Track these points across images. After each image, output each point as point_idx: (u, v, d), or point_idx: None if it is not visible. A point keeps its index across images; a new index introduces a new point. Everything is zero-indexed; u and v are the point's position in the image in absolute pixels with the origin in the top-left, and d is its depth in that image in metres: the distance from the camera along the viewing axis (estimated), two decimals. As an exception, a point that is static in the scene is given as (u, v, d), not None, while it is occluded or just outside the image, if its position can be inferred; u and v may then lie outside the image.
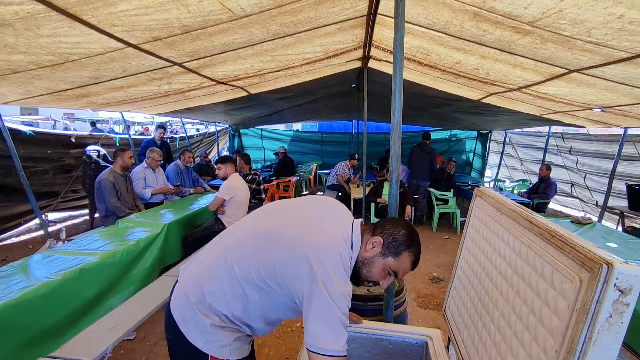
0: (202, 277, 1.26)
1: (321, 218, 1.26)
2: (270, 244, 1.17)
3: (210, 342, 1.23)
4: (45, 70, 2.93)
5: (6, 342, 1.97)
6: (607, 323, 0.65)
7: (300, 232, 1.17)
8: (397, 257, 1.21)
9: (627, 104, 3.77)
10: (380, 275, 1.24)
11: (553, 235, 0.83)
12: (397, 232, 1.23)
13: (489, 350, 1.07)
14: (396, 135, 1.68)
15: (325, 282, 1.06)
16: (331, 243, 1.13)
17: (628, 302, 0.64)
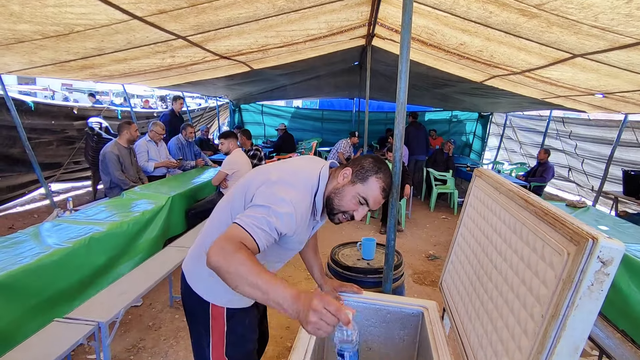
0: (203, 234, 1.38)
1: (296, 160, 1.38)
2: (246, 181, 1.28)
3: (210, 291, 1.33)
4: (50, 40, 2.92)
5: (23, 303, 2.07)
6: (589, 290, 0.72)
7: (273, 166, 1.29)
8: (365, 183, 1.24)
9: (628, 91, 3.79)
10: (352, 204, 1.25)
11: (546, 213, 0.90)
12: (364, 161, 1.28)
13: (481, 317, 1.16)
14: (401, 115, 1.73)
15: (273, 184, 1.15)
16: (296, 170, 1.25)
17: (608, 272, 0.71)
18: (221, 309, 1.35)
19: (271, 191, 1.12)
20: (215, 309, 1.34)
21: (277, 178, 1.17)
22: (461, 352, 1.25)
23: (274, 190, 1.13)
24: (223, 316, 1.35)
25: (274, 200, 1.09)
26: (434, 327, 1.52)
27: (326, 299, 0.85)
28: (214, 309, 1.34)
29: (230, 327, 1.37)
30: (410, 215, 6.11)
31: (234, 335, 1.38)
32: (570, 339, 0.75)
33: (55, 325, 1.88)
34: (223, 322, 1.36)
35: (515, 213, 1.05)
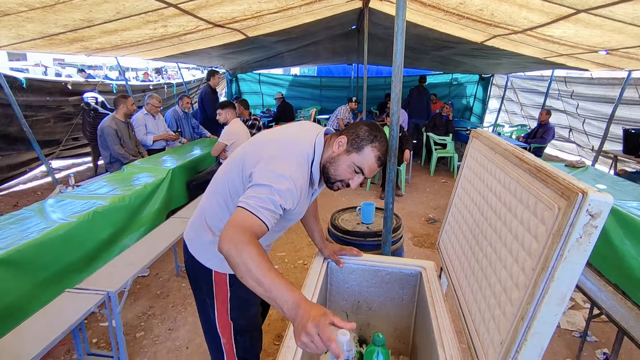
0: (203, 205, 1.40)
1: (291, 129, 1.35)
2: (241, 154, 1.28)
3: (211, 258, 1.36)
4: (36, 12, 2.84)
5: (32, 277, 2.14)
6: (577, 243, 0.74)
7: (267, 138, 1.28)
8: (360, 152, 1.24)
9: (633, 46, 3.70)
10: (347, 173, 1.26)
11: (539, 170, 0.91)
12: (359, 129, 1.27)
13: (476, 274, 1.20)
14: (397, 78, 1.70)
15: (270, 161, 1.14)
16: (290, 141, 1.23)
17: (597, 224, 0.73)
18: (223, 275, 1.39)
19: (269, 168, 1.12)
20: (218, 276, 1.38)
21: (273, 153, 1.17)
22: (457, 308, 1.30)
23: (271, 167, 1.13)
24: (226, 282, 1.39)
25: (274, 178, 1.10)
26: (432, 285, 1.57)
27: (322, 324, 0.84)
28: (216, 276, 1.38)
29: (233, 292, 1.41)
30: (410, 180, 6.14)
31: (237, 300, 1.42)
32: (557, 290, 0.78)
33: (66, 296, 1.94)
34: (226, 287, 1.40)
35: (510, 172, 1.06)
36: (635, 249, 2.59)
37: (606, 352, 2.34)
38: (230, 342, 1.46)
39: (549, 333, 0.82)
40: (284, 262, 3.41)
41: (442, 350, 1.20)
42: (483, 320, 1.06)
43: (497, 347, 0.93)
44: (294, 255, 3.51)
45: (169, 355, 2.26)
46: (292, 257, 3.48)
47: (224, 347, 1.47)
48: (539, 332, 0.82)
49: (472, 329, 1.13)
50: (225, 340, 1.46)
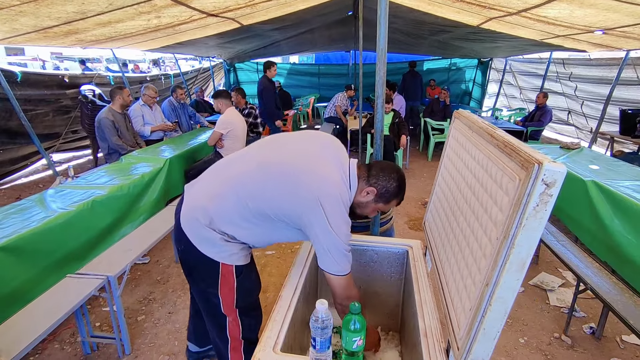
0: (210, 204, 1.38)
1: (323, 158, 1.38)
2: (283, 184, 1.31)
3: (220, 252, 1.41)
4: (29, 6, 2.86)
5: (34, 264, 2.21)
6: (534, 211, 0.79)
7: (308, 175, 1.31)
8: (387, 203, 1.48)
9: (629, 25, 3.67)
10: (372, 213, 1.54)
11: (506, 145, 0.95)
12: (389, 184, 1.43)
13: (453, 248, 1.25)
14: (381, 62, 1.73)
15: (330, 219, 1.27)
16: (335, 188, 1.30)
17: (552, 193, 0.77)
18: (230, 267, 1.44)
19: (331, 230, 1.28)
20: (225, 267, 1.43)
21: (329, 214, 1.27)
22: (438, 283, 1.35)
23: (334, 228, 1.28)
24: (232, 273, 1.45)
25: (339, 236, 1.29)
26: (417, 263, 1.63)
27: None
28: (224, 267, 1.43)
29: (240, 282, 1.47)
30: (408, 166, 6.17)
31: (243, 289, 1.49)
32: (518, 256, 0.82)
33: (68, 281, 2.01)
34: (233, 278, 1.45)
35: (483, 148, 1.10)
36: (624, 227, 2.63)
37: (593, 326, 2.40)
38: (236, 322, 1.52)
39: (511, 298, 0.87)
40: (280, 247, 3.48)
41: (422, 321, 1.26)
42: (457, 291, 1.11)
43: (467, 313, 0.98)
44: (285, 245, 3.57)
45: (169, 336, 2.33)
46: (288, 242, 3.55)
47: (228, 327, 1.53)
48: (502, 297, 0.87)
49: (448, 300, 1.18)
50: (231, 320, 1.52)
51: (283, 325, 1.23)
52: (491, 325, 0.89)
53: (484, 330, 0.90)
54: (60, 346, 2.26)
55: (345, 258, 1.34)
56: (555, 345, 2.28)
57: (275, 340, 1.15)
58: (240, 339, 1.55)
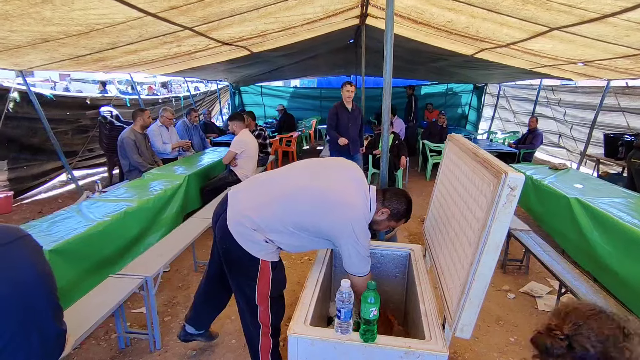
0: (257, 213, 1.71)
1: (352, 187, 1.74)
2: (323, 208, 1.66)
3: (261, 250, 1.71)
4: (72, 38, 3.22)
5: (78, 266, 2.48)
6: (504, 207, 1.09)
7: (342, 202, 1.66)
8: (398, 222, 1.83)
9: (605, 59, 4.08)
10: (384, 229, 1.91)
11: (485, 160, 1.26)
12: (400, 207, 1.78)
13: (447, 243, 1.54)
14: (387, 92, 2.07)
15: (359, 236, 1.63)
16: (362, 214, 1.68)
17: (515, 194, 1.08)
18: (267, 263, 1.74)
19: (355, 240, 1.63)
20: (264, 263, 1.74)
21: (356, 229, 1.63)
22: (436, 277, 1.64)
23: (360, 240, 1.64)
24: (269, 267, 1.75)
25: (361, 243, 1.64)
26: (417, 263, 1.92)
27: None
28: (262, 263, 1.73)
29: (275, 275, 1.78)
30: (407, 185, 6.48)
31: (277, 281, 1.80)
32: (493, 241, 1.12)
33: (111, 280, 2.28)
34: (269, 271, 1.76)
35: (469, 163, 1.42)
36: (602, 238, 2.93)
37: (576, 327, 2.65)
38: (266, 311, 1.81)
39: (489, 274, 1.16)
40: (290, 258, 3.74)
41: (423, 305, 1.54)
42: (450, 275, 1.40)
43: (457, 289, 1.27)
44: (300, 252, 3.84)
45: (195, 334, 2.58)
46: (298, 255, 3.82)
47: (259, 314, 1.81)
48: (483, 273, 1.16)
49: (444, 285, 1.47)
50: (262, 309, 1.81)
51: (310, 306, 1.51)
52: (475, 295, 1.18)
53: (470, 300, 1.19)
54: (96, 342, 2.50)
55: (367, 262, 1.70)
56: (542, 343, 2.53)
57: (305, 317, 1.43)
58: (269, 326, 1.84)
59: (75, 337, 1.79)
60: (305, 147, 10.03)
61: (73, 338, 1.76)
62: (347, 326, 1.32)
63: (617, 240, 2.77)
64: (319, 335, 1.33)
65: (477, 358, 2.40)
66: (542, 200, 3.96)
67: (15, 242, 1.27)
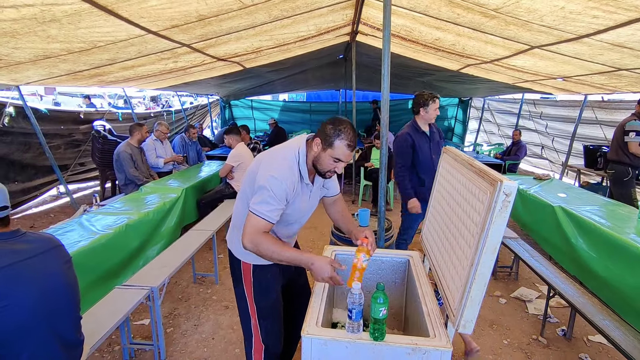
0: (233, 214, 1.83)
1: (284, 143, 1.75)
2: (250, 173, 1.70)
3: (240, 250, 1.73)
4: (74, 55, 3.28)
5: (83, 278, 2.50)
6: (499, 212, 1.21)
7: (268, 151, 1.72)
8: (333, 147, 1.57)
9: (582, 75, 4.33)
10: (330, 164, 1.62)
11: (480, 170, 1.39)
12: (325, 128, 1.59)
13: (446, 247, 1.65)
14: (385, 109, 2.20)
15: (267, 168, 1.58)
16: (280, 151, 1.66)
17: (509, 200, 1.20)
18: (248, 265, 1.78)
19: (263, 174, 1.56)
20: (245, 265, 1.79)
21: (266, 164, 1.61)
22: (436, 280, 1.74)
23: (265, 173, 1.56)
24: (250, 271, 1.79)
25: (268, 180, 1.54)
26: (417, 268, 2.02)
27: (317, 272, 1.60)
28: (244, 265, 1.79)
29: (255, 278, 1.79)
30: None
31: (258, 286, 1.79)
32: (491, 243, 1.24)
33: (116, 292, 2.32)
34: (250, 275, 1.79)
35: (465, 173, 1.54)
36: (586, 244, 3.09)
37: (564, 329, 2.79)
38: (256, 324, 1.82)
39: (488, 274, 1.27)
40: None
41: (425, 306, 1.64)
42: (452, 278, 1.51)
43: (459, 289, 1.38)
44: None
45: (198, 344, 2.62)
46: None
47: (252, 326, 1.83)
48: (483, 273, 1.27)
49: (444, 285, 1.58)
50: (253, 321, 1.83)
51: (320, 310, 1.59)
52: (476, 294, 1.29)
53: (471, 298, 1.30)
54: (100, 354, 2.52)
55: (270, 204, 1.53)
56: (533, 345, 2.66)
57: (317, 319, 1.52)
58: (261, 343, 1.80)
59: (87, 347, 1.82)
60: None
61: (87, 347, 1.80)
62: (357, 326, 1.41)
63: (599, 246, 2.94)
64: (331, 336, 1.42)
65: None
66: (528, 209, 4.14)
67: (50, 251, 1.34)
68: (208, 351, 2.54)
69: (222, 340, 2.65)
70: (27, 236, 1.34)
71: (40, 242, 1.35)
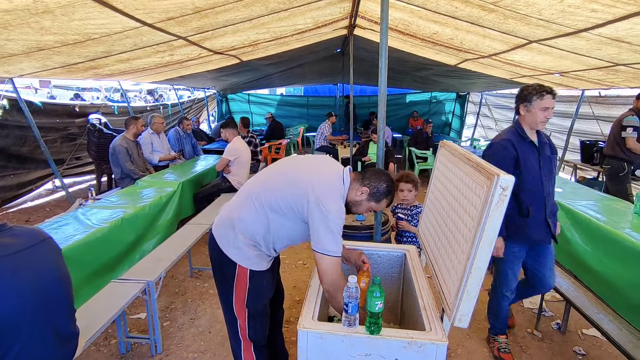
0: (234, 209, 1.72)
1: (319, 165, 1.72)
2: (286, 182, 1.64)
3: (238, 254, 1.68)
4: (68, 47, 3.24)
5: (78, 272, 2.50)
6: (496, 206, 1.21)
7: (306, 172, 1.65)
8: (378, 203, 1.71)
9: (579, 70, 4.33)
10: (365, 211, 1.77)
11: (477, 164, 1.38)
12: (380, 185, 1.67)
13: (442, 241, 1.66)
14: (382, 102, 2.19)
15: (327, 208, 1.51)
16: (329, 180, 1.61)
17: (506, 194, 1.20)
18: (245, 270, 1.70)
19: (324, 209, 1.52)
20: (241, 269, 1.68)
21: (321, 195, 1.53)
22: (433, 275, 1.75)
23: (326, 207, 1.52)
24: (246, 275, 1.70)
25: (330, 215, 1.52)
26: (413, 262, 2.03)
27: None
28: (240, 269, 1.68)
29: (252, 284, 1.70)
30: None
31: (253, 291, 1.71)
32: (487, 236, 1.24)
33: (112, 285, 2.31)
34: (246, 280, 1.71)
35: (462, 167, 1.54)
36: (582, 238, 3.11)
37: (559, 322, 2.81)
38: (244, 324, 1.78)
39: (485, 267, 1.27)
40: (285, 263, 3.81)
41: (422, 300, 1.65)
42: (447, 270, 1.51)
43: (455, 282, 1.38)
44: (295, 257, 3.92)
45: (195, 338, 2.62)
46: (292, 259, 3.89)
47: (239, 327, 1.79)
48: (479, 267, 1.27)
49: (441, 279, 1.58)
50: (241, 322, 1.78)
51: (316, 304, 1.59)
52: (472, 288, 1.29)
53: (467, 292, 1.30)
54: (96, 348, 2.52)
55: (336, 240, 1.53)
56: (528, 338, 2.68)
57: (313, 313, 1.52)
58: (249, 340, 1.79)
59: (83, 340, 1.82)
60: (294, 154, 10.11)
61: (82, 341, 1.80)
62: (354, 320, 1.41)
63: (594, 240, 2.96)
64: (327, 329, 1.42)
65: (469, 353, 2.52)
66: (524, 203, 4.14)
67: (39, 244, 1.33)
68: (205, 345, 2.55)
69: (218, 334, 2.65)
70: (13, 230, 1.33)
71: (27, 235, 1.34)
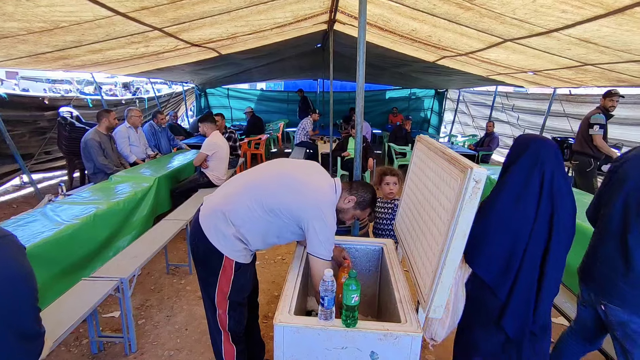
0: (227, 203, 1.74)
1: (318, 174, 1.84)
2: (292, 190, 1.72)
3: (227, 245, 1.72)
4: (34, 35, 3.11)
5: (47, 270, 2.41)
6: (469, 199, 1.23)
7: (310, 186, 1.73)
8: (363, 211, 1.90)
9: (551, 69, 4.46)
10: (349, 219, 1.94)
11: (452, 158, 1.40)
12: (366, 195, 1.85)
13: (418, 235, 1.68)
14: (360, 97, 2.19)
15: (327, 218, 1.68)
16: (329, 196, 1.75)
17: (479, 187, 1.22)
18: (232, 261, 1.74)
19: (322, 221, 1.68)
20: (227, 260, 1.74)
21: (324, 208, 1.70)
22: (409, 268, 1.77)
23: (324, 220, 1.68)
24: (232, 267, 1.75)
25: (327, 227, 1.69)
26: (390, 255, 2.05)
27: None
28: (226, 260, 1.74)
29: (236, 277, 1.77)
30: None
31: (237, 283, 1.78)
32: (461, 229, 1.26)
33: (83, 284, 2.23)
34: (231, 271, 1.75)
35: (437, 161, 1.56)
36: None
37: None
38: (224, 315, 1.82)
39: (458, 259, 1.30)
40: (264, 258, 3.79)
41: (398, 293, 1.66)
42: (422, 263, 1.53)
43: (430, 274, 1.40)
44: (273, 252, 3.90)
45: (171, 335, 2.57)
46: (271, 254, 3.87)
47: (218, 318, 1.83)
48: (452, 259, 1.29)
49: (416, 272, 1.60)
50: (221, 313, 1.82)
51: (293, 297, 1.58)
52: (446, 279, 1.31)
53: (441, 283, 1.32)
54: (66, 349, 2.44)
55: (330, 246, 1.71)
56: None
57: (289, 307, 1.51)
58: (227, 331, 1.85)
59: (51, 341, 1.75)
60: (274, 150, 10.05)
61: (50, 341, 1.73)
62: (330, 313, 1.41)
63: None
64: (303, 323, 1.42)
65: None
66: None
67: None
68: (181, 342, 2.50)
69: (195, 331, 2.61)
70: None
71: None
